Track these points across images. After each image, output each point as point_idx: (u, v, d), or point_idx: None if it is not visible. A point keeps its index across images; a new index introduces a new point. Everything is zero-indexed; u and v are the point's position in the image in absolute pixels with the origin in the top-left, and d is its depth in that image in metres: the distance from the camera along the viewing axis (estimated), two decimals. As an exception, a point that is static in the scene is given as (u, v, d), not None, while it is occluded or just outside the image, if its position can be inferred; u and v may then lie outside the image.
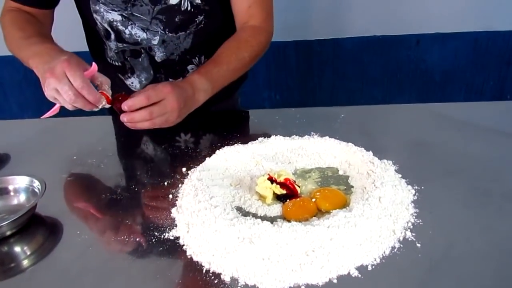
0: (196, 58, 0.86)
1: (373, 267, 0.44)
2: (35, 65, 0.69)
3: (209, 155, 0.64)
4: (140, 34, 0.79)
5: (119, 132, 0.83)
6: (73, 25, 0.90)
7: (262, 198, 0.55)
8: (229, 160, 0.62)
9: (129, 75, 0.86)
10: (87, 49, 0.91)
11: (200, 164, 0.62)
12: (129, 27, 0.79)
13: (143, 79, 0.86)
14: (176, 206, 0.56)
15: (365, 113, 0.84)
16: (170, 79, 0.86)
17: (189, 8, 0.77)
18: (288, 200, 0.54)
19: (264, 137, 0.68)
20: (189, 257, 0.47)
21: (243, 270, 0.43)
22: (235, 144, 0.66)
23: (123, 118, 0.65)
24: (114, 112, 0.70)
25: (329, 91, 1.71)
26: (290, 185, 0.55)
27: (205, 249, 0.47)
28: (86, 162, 0.70)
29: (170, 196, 0.58)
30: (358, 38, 1.59)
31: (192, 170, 0.63)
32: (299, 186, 0.56)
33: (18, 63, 1.86)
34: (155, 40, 0.80)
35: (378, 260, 0.44)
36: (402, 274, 0.43)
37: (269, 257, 0.44)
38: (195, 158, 0.68)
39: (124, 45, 0.81)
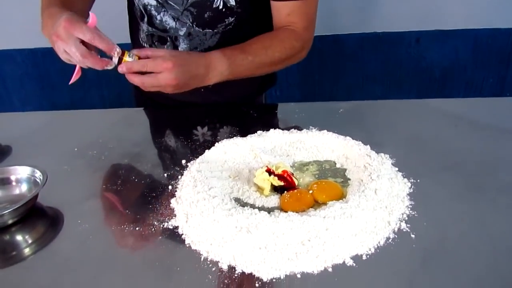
0: None
1: (368, 256, 0.45)
2: (46, 33, 0.69)
3: (208, 148, 0.64)
4: (170, 22, 0.80)
5: (120, 125, 0.84)
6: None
7: (260, 189, 0.56)
8: (228, 153, 0.63)
9: None
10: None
11: (199, 157, 0.63)
12: (161, 14, 0.80)
13: None
14: (175, 197, 0.56)
15: (364, 108, 0.85)
16: None
17: (220, 7, 0.77)
18: (285, 192, 0.54)
19: (263, 131, 0.69)
20: (187, 246, 0.48)
21: (240, 259, 0.44)
22: (234, 137, 0.67)
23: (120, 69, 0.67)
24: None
25: (329, 87, 1.72)
26: (287, 177, 0.55)
27: (203, 238, 0.48)
28: (87, 154, 0.71)
29: (170, 187, 0.59)
30: (358, 34, 1.60)
31: (192, 162, 0.64)
32: (296, 179, 0.57)
33: (19, 57, 1.87)
34: (182, 31, 0.81)
35: (372, 250, 0.45)
36: (396, 264, 0.44)
37: (265, 246, 0.45)
38: (194, 150, 0.69)
39: (154, 30, 0.82)
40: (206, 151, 0.63)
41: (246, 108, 0.84)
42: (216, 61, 0.71)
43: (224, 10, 0.78)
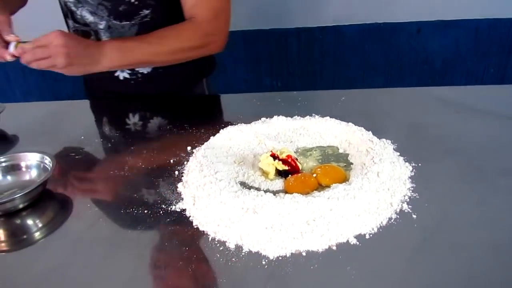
0: None
1: (371, 235, 0.46)
2: None
3: (213, 135, 0.65)
4: (88, 17, 0.82)
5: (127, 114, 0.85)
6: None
7: (264, 174, 0.57)
8: (233, 139, 0.64)
9: None
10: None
11: (205, 143, 0.64)
12: (80, 9, 0.82)
13: None
14: (182, 181, 0.58)
15: (366, 96, 0.86)
16: None
17: (132, 0, 0.79)
18: (289, 175, 0.56)
19: (267, 118, 0.70)
20: (195, 227, 0.49)
21: (247, 238, 0.46)
22: (239, 124, 0.68)
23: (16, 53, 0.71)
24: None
25: (330, 78, 1.72)
26: (292, 162, 0.57)
27: (210, 219, 0.49)
28: (93, 142, 0.72)
29: (176, 172, 0.61)
30: (359, 25, 1.60)
31: (197, 148, 0.65)
32: (300, 163, 0.58)
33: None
34: (102, 25, 0.83)
35: (375, 230, 0.47)
36: (398, 242, 0.46)
37: (271, 226, 0.46)
38: (199, 137, 0.70)
39: (77, 25, 0.85)
40: (211, 137, 0.65)
41: (250, 97, 0.85)
42: (106, 46, 0.74)
43: (137, 3, 0.79)
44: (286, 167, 0.56)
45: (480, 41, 1.60)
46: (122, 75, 0.89)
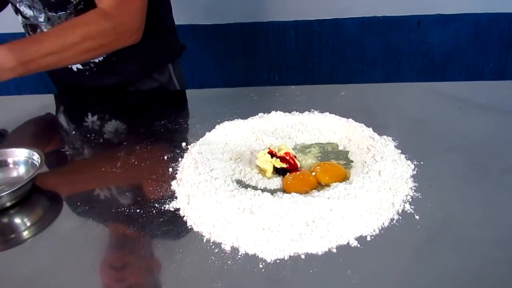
0: None
1: (372, 237, 0.44)
2: None
3: (209, 130, 0.63)
4: (28, 12, 0.81)
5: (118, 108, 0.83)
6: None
7: (262, 171, 0.55)
8: (229, 135, 0.62)
9: None
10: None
11: (200, 139, 0.62)
12: (19, 4, 0.81)
13: None
14: (176, 179, 0.56)
15: (365, 91, 0.84)
16: None
17: None
18: (288, 174, 0.54)
19: (264, 113, 0.67)
20: (189, 227, 0.47)
21: (243, 240, 0.44)
22: (235, 119, 0.66)
23: None
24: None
25: (329, 72, 1.70)
26: (290, 159, 0.55)
27: (205, 219, 0.47)
28: (86, 137, 0.70)
29: (170, 169, 0.58)
30: (359, 18, 1.57)
31: (192, 144, 0.63)
32: (299, 161, 0.56)
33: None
34: (41, 18, 0.81)
35: (377, 231, 0.45)
36: (400, 245, 0.44)
37: (269, 227, 0.44)
38: (195, 133, 0.68)
39: (24, 19, 0.84)
40: (207, 133, 0.62)
41: (247, 91, 0.83)
42: (2, 58, 0.68)
43: None
44: (284, 165, 0.54)
45: (480, 36, 1.58)
46: (75, 66, 0.87)
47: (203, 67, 1.71)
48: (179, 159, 0.60)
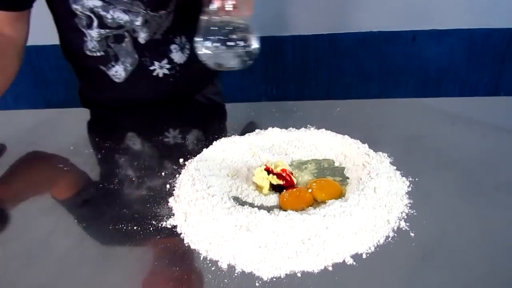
0: (178, 37, 0.86)
1: (368, 255, 0.45)
2: None
3: (206, 146, 0.64)
4: (123, 17, 0.79)
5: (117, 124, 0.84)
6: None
7: (259, 188, 0.56)
8: (226, 151, 0.63)
9: (112, 63, 0.85)
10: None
11: (197, 155, 0.62)
12: (111, 11, 0.79)
13: (128, 65, 0.85)
14: (173, 195, 0.56)
15: (361, 107, 0.85)
16: (155, 62, 0.86)
17: None
18: (284, 191, 0.54)
19: (261, 129, 0.68)
20: (186, 245, 0.47)
21: (240, 258, 0.44)
22: (232, 136, 0.66)
23: None
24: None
25: (326, 86, 1.72)
26: (286, 176, 0.55)
27: (202, 237, 0.47)
28: (83, 153, 0.70)
29: (167, 186, 0.59)
30: (354, 33, 1.60)
31: (190, 160, 0.64)
32: (295, 177, 0.57)
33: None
34: (138, 21, 0.80)
35: (372, 249, 0.45)
36: (396, 262, 0.44)
37: (265, 245, 0.44)
38: (192, 149, 0.68)
39: (107, 30, 0.81)
40: (204, 149, 0.63)
41: (244, 106, 0.84)
42: None
43: None
44: (281, 182, 0.55)
45: (474, 50, 1.61)
46: (162, 71, 0.87)
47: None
48: (177, 175, 0.61)
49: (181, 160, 0.65)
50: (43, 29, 0.89)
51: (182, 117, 0.85)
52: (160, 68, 0.87)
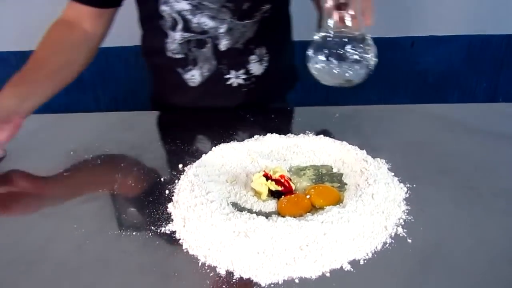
0: (259, 49, 0.86)
1: (365, 261, 0.45)
2: None
3: (205, 152, 0.64)
4: (208, 23, 0.80)
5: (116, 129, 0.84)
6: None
7: (257, 194, 0.56)
8: (225, 157, 0.63)
9: (190, 67, 0.86)
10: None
11: (197, 161, 0.63)
12: (198, 16, 0.79)
13: (205, 70, 0.86)
14: (172, 201, 0.56)
15: (359, 113, 0.85)
16: (231, 71, 0.86)
17: None
18: (283, 196, 0.54)
19: (260, 135, 0.69)
20: (185, 250, 0.48)
21: (238, 263, 0.44)
22: (231, 141, 0.67)
23: None
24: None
25: (324, 92, 1.72)
26: (285, 182, 0.56)
27: (201, 243, 0.47)
28: (83, 158, 0.70)
29: (167, 191, 0.59)
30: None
31: (189, 166, 0.64)
32: (294, 183, 0.57)
33: (12, 60, 1.86)
34: (222, 28, 0.80)
35: (370, 255, 0.46)
36: (393, 268, 0.44)
37: (264, 251, 0.45)
38: (191, 154, 0.69)
39: (191, 34, 0.82)
40: (203, 155, 0.63)
41: (243, 112, 0.85)
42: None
43: None
44: (279, 188, 0.55)
45: (473, 56, 1.62)
46: (236, 81, 0.87)
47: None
48: (176, 181, 0.61)
49: (180, 165, 0.65)
50: (43, 34, 0.89)
51: (179, 123, 0.85)
52: (235, 78, 0.87)
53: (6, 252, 0.51)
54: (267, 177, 0.56)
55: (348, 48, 0.63)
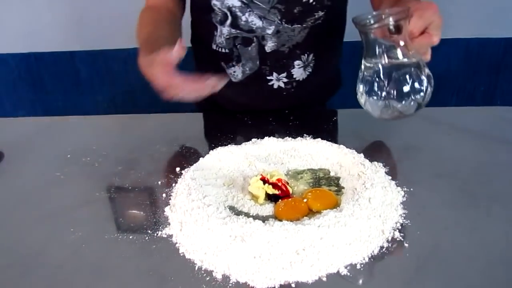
0: (305, 54, 0.85)
1: (362, 265, 0.45)
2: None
3: (203, 155, 0.64)
4: (256, 22, 0.79)
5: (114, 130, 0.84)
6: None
7: (254, 198, 0.56)
8: (223, 160, 0.63)
9: (233, 63, 0.86)
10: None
11: (194, 164, 0.63)
12: (247, 14, 0.78)
13: (247, 69, 0.86)
14: (169, 205, 0.56)
15: (357, 116, 0.85)
16: (274, 73, 0.86)
17: (310, 1, 0.77)
18: (280, 200, 0.54)
19: (258, 138, 0.69)
20: (181, 254, 0.48)
21: (234, 268, 0.44)
22: (229, 145, 0.67)
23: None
24: None
25: (323, 94, 1.73)
26: (282, 186, 0.56)
27: (197, 247, 0.47)
28: (80, 161, 0.70)
29: (164, 195, 0.59)
30: (352, 42, 1.60)
31: (186, 169, 0.64)
32: (291, 187, 0.57)
33: (12, 61, 1.86)
34: (270, 30, 0.80)
35: (366, 259, 0.46)
36: (390, 273, 0.44)
37: (260, 255, 0.45)
38: (189, 158, 0.69)
39: (238, 31, 0.81)
40: (201, 158, 0.63)
41: (240, 115, 0.85)
42: None
43: (314, 3, 0.77)
44: (277, 191, 0.55)
45: (471, 60, 1.62)
46: (277, 83, 0.86)
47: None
48: (173, 184, 0.61)
49: (177, 169, 0.65)
50: (42, 36, 0.89)
51: (177, 126, 0.85)
52: (277, 80, 0.86)
53: (2, 256, 0.51)
54: (264, 180, 0.56)
55: (401, 78, 0.58)
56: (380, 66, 0.60)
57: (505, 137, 0.73)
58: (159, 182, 0.62)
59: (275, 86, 0.87)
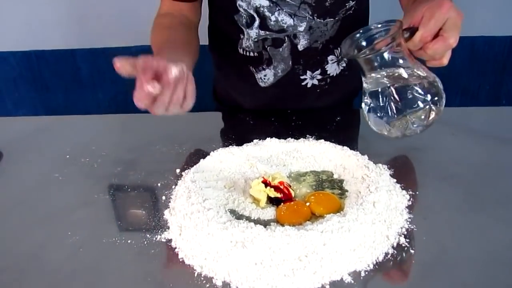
0: (338, 48, 0.83)
1: (366, 273, 0.44)
2: None
3: (203, 157, 0.63)
4: (287, 20, 0.76)
5: (113, 132, 0.83)
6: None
7: (256, 201, 0.55)
8: (224, 162, 0.62)
9: (264, 66, 0.83)
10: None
11: (194, 166, 0.61)
12: (276, 13, 0.76)
13: (279, 70, 0.83)
14: (169, 208, 0.55)
15: (361, 116, 0.84)
16: (308, 71, 0.83)
17: None
18: (282, 204, 0.53)
19: (259, 139, 0.67)
20: (181, 260, 0.46)
21: (235, 275, 0.43)
22: (230, 146, 0.66)
23: None
24: None
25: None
26: (284, 189, 0.54)
27: (197, 252, 0.46)
28: (79, 161, 0.69)
29: (163, 197, 0.58)
30: (355, 41, 1.59)
31: (186, 171, 0.63)
32: (293, 190, 0.56)
33: (13, 59, 1.85)
34: (302, 27, 0.77)
35: (371, 266, 0.44)
36: (395, 280, 0.43)
37: (261, 261, 0.43)
38: (189, 159, 0.67)
39: (267, 33, 0.79)
40: (201, 160, 0.62)
41: (242, 115, 0.83)
42: None
43: None
44: (278, 195, 0.54)
45: (476, 58, 1.60)
46: (311, 81, 0.84)
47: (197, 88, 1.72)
48: (173, 187, 0.60)
49: (177, 170, 0.64)
50: (43, 34, 0.88)
51: (178, 127, 0.84)
52: (311, 79, 0.84)
53: (-2, 260, 0.50)
54: (266, 183, 0.54)
55: (409, 95, 0.56)
56: (386, 80, 0.59)
57: (511, 138, 0.72)
58: (159, 184, 0.61)
59: (309, 85, 0.85)
